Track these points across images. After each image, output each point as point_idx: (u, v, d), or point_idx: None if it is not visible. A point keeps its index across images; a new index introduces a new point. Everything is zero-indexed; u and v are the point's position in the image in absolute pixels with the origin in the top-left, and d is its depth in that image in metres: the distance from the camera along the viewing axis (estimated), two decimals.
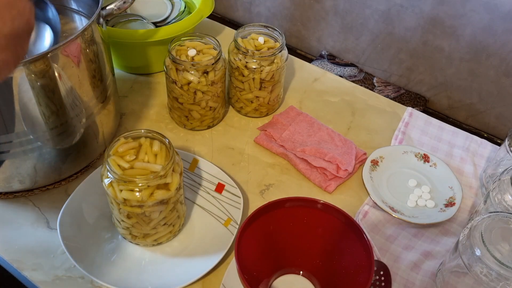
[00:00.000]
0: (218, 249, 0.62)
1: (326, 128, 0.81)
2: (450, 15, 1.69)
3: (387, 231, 0.68)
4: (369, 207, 0.71)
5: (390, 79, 2.00)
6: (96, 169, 0.69)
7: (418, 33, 1.80)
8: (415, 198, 0.73)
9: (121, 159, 0.55)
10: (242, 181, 0.74)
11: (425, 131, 0.84)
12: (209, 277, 0.61)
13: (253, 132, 0.82)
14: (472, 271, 0.53)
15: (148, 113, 0.84)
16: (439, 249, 0.67)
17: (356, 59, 2.05)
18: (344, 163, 0.74)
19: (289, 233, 0.59)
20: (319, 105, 0.88)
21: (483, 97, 1.82)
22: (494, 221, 0.54)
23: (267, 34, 0.80)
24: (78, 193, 0.66)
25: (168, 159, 0.56)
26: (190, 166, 0.72)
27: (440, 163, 0.77)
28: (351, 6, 1.91)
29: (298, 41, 2.18)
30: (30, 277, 0.60)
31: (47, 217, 0.67)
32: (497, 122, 1.84)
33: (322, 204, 0.57)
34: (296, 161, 0.76)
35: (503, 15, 1.60)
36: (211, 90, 0.74)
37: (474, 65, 1.76)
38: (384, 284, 0.58)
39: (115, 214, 0.60)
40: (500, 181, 0.61)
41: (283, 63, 0.78)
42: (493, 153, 0.81)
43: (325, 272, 0.59)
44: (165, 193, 0.56)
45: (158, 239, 0.63)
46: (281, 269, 0.61)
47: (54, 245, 0.64)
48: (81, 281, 0.61)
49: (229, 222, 0.66)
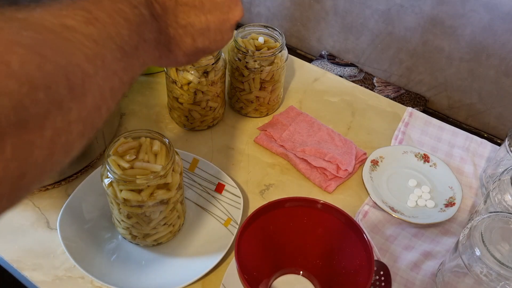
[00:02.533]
0: (218, 249, 0.62)
1: (326, 128, 0.81)
2: (450, 15, 1.69)
3: (387, 231, 0.68)
4: (369, 207, 0.71)
5: (390, 79, 2.00)
6: (96, 169, 0.69)
7: (418, 33, 1.80)
8: (415, 198, 0.73)
9: (121, 159, 0.55)
10: (242, 181, 0.74)
11: (425, 131, 0.84)
12: (209, 277, 0.61)
13: (253, 132, 0.82)
14: (472, 271, 0.53)
15: (148, 113, 0.84)
16: (439, 249, 0.67)
17: (356, 59, 2.05)
18: (344, 163, 0.74)
19: (289, 233, 0.59)
20: (319, 105, 0.88)
21: (483, 97, 1.82)
22: (494, 221, 0.54)
23: (267, 34, 0.80)
24: (78, 193, 0.66)
25: (168, 159, 0.56)
26: (190, 166, 0.72)
27: (440, 163, 0.77)
28: (351, 6, 1.91)
29: (298, 41, 2.18)
30: (30, 277, 0.60)
31: (47, 217, 0.67)
32: (497, 122, 1.84)
33: (322, 204, 0.57)
34: (296, 161, 0.76)
35: (503, 15, 1.60)
36: (211, 90, 0.74)
37: (474, 65, 1.76)
38: (384, 284, 0.58)
39: (115, 214, 0.60)
40: (500, 181, 0.61)
41: (283, 63, 0.78)
42: (493, 153, 0.81)
43: (325, 272, 0.59)
44: (165, 193, 0.56)
45: (158, 239, 0.63)
46: (281, 269, 0.61)
47: (54, 245, 0.64)
48: (81, 281, 0.61)
49: (229, 222, 0.66)
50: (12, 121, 0.22)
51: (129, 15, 0.33)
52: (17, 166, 0.23)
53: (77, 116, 0.27)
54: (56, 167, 0.27)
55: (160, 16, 0.38)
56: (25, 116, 0.23)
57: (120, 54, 0.32)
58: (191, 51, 0.42)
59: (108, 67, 0.30)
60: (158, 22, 0.38)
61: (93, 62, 0.28)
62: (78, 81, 0.27)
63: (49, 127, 0.25)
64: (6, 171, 0.23)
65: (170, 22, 0.39)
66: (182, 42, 0.41)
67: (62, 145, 0.26)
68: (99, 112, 0.30)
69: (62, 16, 0.28)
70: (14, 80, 0.22)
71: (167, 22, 0.39)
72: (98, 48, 0.29)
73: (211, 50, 0.45)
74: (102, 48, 0.30)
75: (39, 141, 0.24)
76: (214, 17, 0.42)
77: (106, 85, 0.30)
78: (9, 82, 0.22)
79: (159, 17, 0.38)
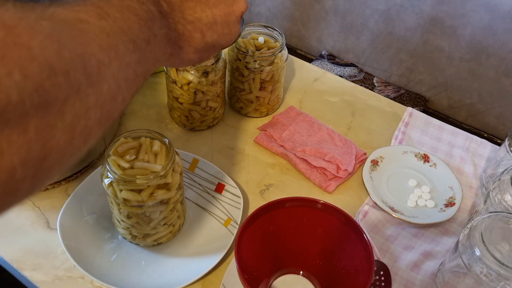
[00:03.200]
0: (218, 249, 0.62)
1: (326, 128, 0.81)
2: (450, 15, 1.69)
3: (387, 231, 0.68)
4: (369, 207, 0.71)
5: (390, 79, 2.00)
6: (96, 169, 0.69)
7: (418, 33, 1.80)
8: (415, 198, 0.73)
9: (121, 159, 0.55)
10: (242, 181, 0.74)
11: (425, 131, 0.84)
12: (209, 277, 0.61)
13: (253, 132, 0.82)
14: (472, 271, 0.53)
15: (148, 113, 0.84)
16: (439, 249, 0.67)
17: (356, 59, 2.05)
18: (344, 163, 0.74)
19: (289, 233, 0.59)
20: (319, 105, 0.88)
21: (483, 97, 1.82)
22: (494, 221, 0.54)
23: (267, 34, 0.80)
24: (78, 193, 0.66)
25: (168, 159, 0.56)
26: (190, 166, 0.72)
27: (440, 163, 0.77)
28: (351, 6, 1.91)
29: (298, 41, 2.18)
30: (30, 277, 0.60)
31: (47, 217, 0.67)
32: (497, 122, 1.84)
33: (322, 204, 0.57)
34: (296, 161, 0.76)
35: (503, 15, 1.60)
36: (211, 90, 0.74)
37: (474, 65, 1.76)
38: (384, 284, 0.58)
39: (115, 214, 0.60)
40: (500, 181, 0.61)
41: (283, 63, 0.78)
42: (493, 153, 0.81)
43: (325, 272, 0.59)
44: (165, 193, 0.56)
45: (158, 239, 0.63)
46: (281, 269, 0.61)
47: (54, 245, 0.64)
48: (81, 281, 0.61)
49: (229, 222, 0.66)
50: (35, 102, 0.23)
51: (138, 11, 0.34)
52: (40, 147, 0.24)
53: (95, 102, 0.28)
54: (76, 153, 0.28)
55: (168, 13, 0.39)
56: (47, 98, 0.24)
57: (132, 47, 0.33)
58: (201, 47, 0.44)
59: (121, 58, 0.32)
60: (166, 19, 0.39)
61: (107, 53, 0.30)
62: (94, 69, 0.28)
63: (69, 112, 0.26)
64: (29, 152, 0.24)
65: (178, 18, 0.41)
66: (191, 38, 0.42)
67: (81, 130, 0.28)
68: (115, 101, 0.31)
69: (76, 11, 0.30)
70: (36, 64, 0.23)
71: (174, 18, 0.40)
72: (111, 40, 0.31)
73: (220, 44, 0.46)
74: (115, 40, 0.31)
75: (60, 124, 0.25)
76: (219, 11, 0.44)
77: (121, 76, 0.31)
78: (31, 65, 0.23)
79: (167, 14, 0.39)
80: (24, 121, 0.23)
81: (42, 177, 0.26)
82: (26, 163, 0.24)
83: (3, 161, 0.23)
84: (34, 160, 0.24)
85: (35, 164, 0.25)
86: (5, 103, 0.22)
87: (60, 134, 0.26)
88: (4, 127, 0.22)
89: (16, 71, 0.22)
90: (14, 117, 0.22)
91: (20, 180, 0.24)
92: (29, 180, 0.25)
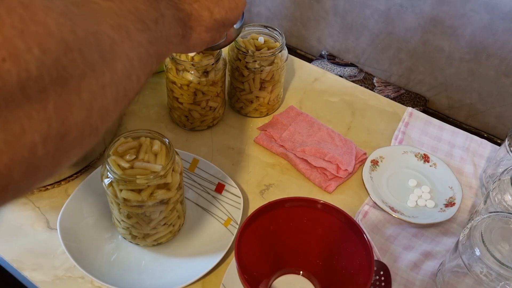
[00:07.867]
0: (218, 249, 0.62)
1: (326, 128, 0.81)
2: (450, 15, 1.69)
3: (387, 231, 0.68)
4: (369, 207, 0.71)
5: (390, 79, 2.00)
6: (96, 169, 0.69)
7: (418, 33, 1.80)
8: (415, 198, 0.73)
9: (121, 159, 0.55)
10: (242, 181, 0.74)
11: (425, 131, 0.84)
12: (209, 277, 0.62)
13: (253, 132, 0.82)
14: (472, 271, 0.53)
15: (148, 113, 0.84)
16: (439, 249, 0.67)
17: (356, 59, 2.05)
18: (344, 163, 0.74)
19: (289, 233, 0.59)
20: (319, 105, 0.88)
21: (483, 97, 1.82)
22: (494, 221, 0.54)
23: (267, 34, 0.80)
24: (78, 193, 0.66)
25: (168, 159, 0.56)
26: (190, 166, 0.72)
27: (440, 163, 0.77)
28: (351, 6, 1.91)
29: (298, 41, 2.18)
30: (30, 277, 0.60)
31: (47, 217, 0.67)
32: (497, 122, 1.84)
33: (322, 204, 0.57)
34: (296, 161, 0.76)
35: (503, 15, 1.60)
36: (211, 90, 0.74)
37: (474, 65, 1.76)
38: (384, 284, 0.58)
39: (115, 214, 0.60)
40: (500, 181, 0.61)
41: (283, 63, 0.78)
42: (493, 153, 0.81)
43: (325, 272, 0.59)
44: (165, 193, 0.56)
45: (158, 239, 0.63)
46: (281, 269, 0.61)
47: (54, 245, 0.64)
48: (81, 281, 0.61)
49: (229, 222, 0.66)
50: (54, 78, 0.24)
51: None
52: (59, 124, 0.25)
53: (110, 80, 0.29)
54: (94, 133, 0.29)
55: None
56: (64, 75, 0.24)
57: (142, 26, 0.34)
58: (211, 25, 0.44)
59: (132, 38, 0.32)
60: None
61: (118, 32, 0.31)
62: (107, 47, 0.29)
63: (86, 89, 0.26)
64: (49, 129, 0.24)
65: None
66: (200, 17, 0.43)
67: (98, 108, 0.28)
68: (130, 80, 0.32)
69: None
70: (54, 40, 0.24)
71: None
72: (121, 20, 0.31)
73: (230, 20, 0.47)
74: (124, 20, 0.32)
75: (77, 102, 0.26)
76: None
77: (134, 55, 0.32)
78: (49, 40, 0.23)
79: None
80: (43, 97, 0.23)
81: (62, 156, 0.26)
82: (47, 140, 0.24)
83: (25, 137, 0.23)
84: (54, 137, 0.25)
85: (56, 142, 0.25)
86: (26, 77, 0.22)
87: (78, 111, 0.26)
88: (25, 103, 0.22)
89: (35, 46, 0.22)
90: (34, 93, 0.23)
91: (41, 157, 0.24)
92: (50, 159, 0.25)
